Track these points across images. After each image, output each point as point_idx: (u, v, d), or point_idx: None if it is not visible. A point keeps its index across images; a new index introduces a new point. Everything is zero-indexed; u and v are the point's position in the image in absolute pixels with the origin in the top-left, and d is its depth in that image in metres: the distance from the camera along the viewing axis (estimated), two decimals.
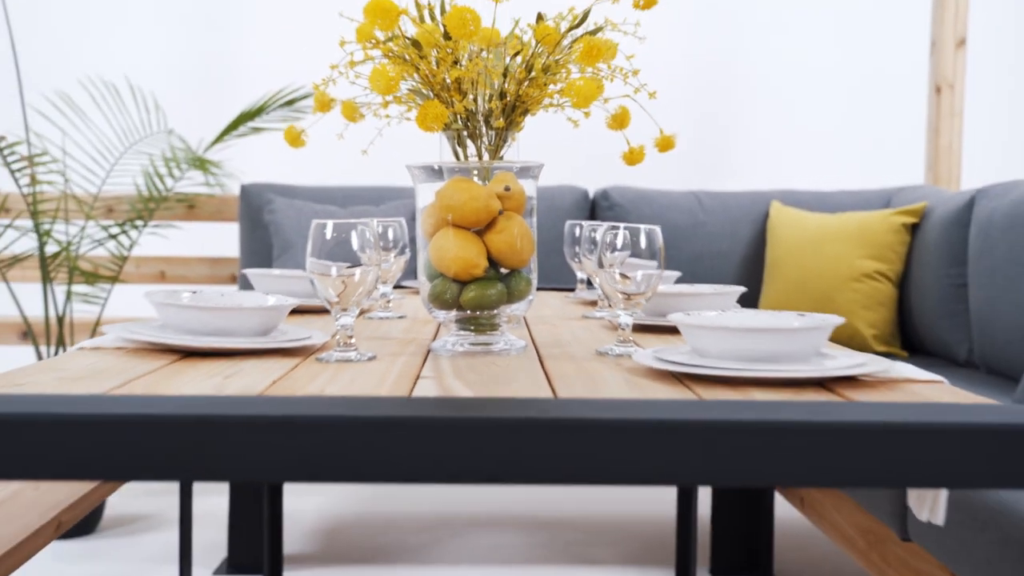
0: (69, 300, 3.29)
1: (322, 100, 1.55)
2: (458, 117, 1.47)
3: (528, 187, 1.50)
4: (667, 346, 1.42)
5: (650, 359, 1.29)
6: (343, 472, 0.88)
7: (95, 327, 3.37)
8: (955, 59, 3.50)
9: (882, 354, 2.93)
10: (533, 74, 1.47)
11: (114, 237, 3.34)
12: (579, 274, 2.27)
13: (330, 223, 1.34)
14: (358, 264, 1.34)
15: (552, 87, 1.49)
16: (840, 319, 1.30)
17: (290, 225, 3.21)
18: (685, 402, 0.98)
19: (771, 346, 1.24)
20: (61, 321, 3.26)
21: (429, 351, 1.46)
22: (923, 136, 3.70)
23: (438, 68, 1.44)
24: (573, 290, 2.42)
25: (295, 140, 1.64)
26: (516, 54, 1.48)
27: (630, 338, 1.45)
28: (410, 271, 2.58)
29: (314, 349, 1.45)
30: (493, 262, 1.46)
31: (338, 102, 1.54)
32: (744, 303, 3.12)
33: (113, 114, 3.42)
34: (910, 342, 3.01)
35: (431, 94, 1.46)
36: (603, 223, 1.55)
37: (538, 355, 1.43)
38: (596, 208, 3.42)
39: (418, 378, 1.25)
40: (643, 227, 1.44)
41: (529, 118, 1.53)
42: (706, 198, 3.40)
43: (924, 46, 3.78)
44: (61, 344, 3.26)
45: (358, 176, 3.36)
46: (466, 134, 1.49)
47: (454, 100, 1.44)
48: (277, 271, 2.21)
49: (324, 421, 0.88)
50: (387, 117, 1.50)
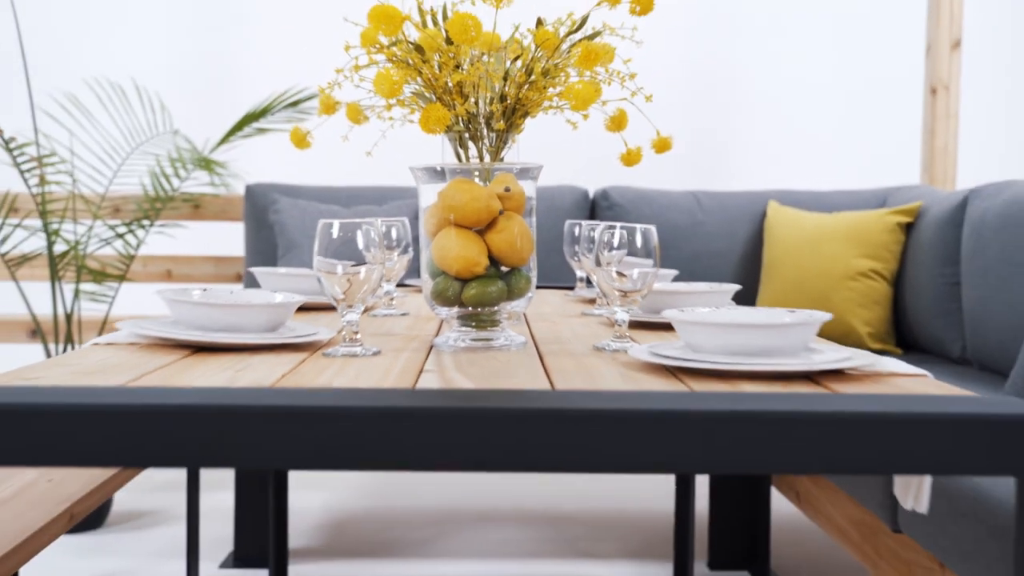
0: (77, 298, 3.34)
1: (327, 103, 1.59)
2: (460, 120, 1.51)
3: (528, 188, 1.54)
4: (662, 341, 1.46)
5: (645, 354, 1.33)
6: (351, 459, 0.93)
7: (103, 325, 3.42)
8: (950, 61, 3.54)
9: (877, 351, 2.97)
10: (533, 78, 1.51)
11: (121, 236, 3.39)
12: (579, 272, 2.31)
13: (336, 223, 1.39)
14: (363, 262, 1.39)
15: (551, 90, 1.53)
16: (827, 315, 1.35)
17: (294, 225, 3.25)
18: (676, 393, 1.03)
19: (761, 341, 1.29)
20: (69, 319, 3.31)
21: (432, 346, 1.51)
22: (919, 137, 3.74)
23: (440, 72, 1.49)
24: (573, 288, 2.46)
25: (301, 142, 1.68)
26: (516, 58, 1.52)
27: (627, 334, 1.50)
28: (413, 270, 2.62)
29: (321, 345, 1.50)
30: (494, 260, 1.51)
31: (343, 105, 1.59)
32: (742, 302, 3.17)
33: (119, 115, 3.47)
34: (905, 340, 3.06)
35: (434, 97, 1.51)
36: (601, 223, 1.60)
37: (537, 350, 1.48)
38: (596, 208, 3.47)
39: (421, 372, 1.30)
40: (639, 227, 1.49)
41: (529, 120, 1.58)
42: (705, 198, 3.44)
43: (920, 48, 3.82)
44: (69, 342, 3.31)
45: (361, 177, 3.40)
46: (467, 136, 1.54)
47: (456, 103, 1.49)
48: (283, 269, 2.26)
49: (333, 411, 0.93)
50: (391, 119, 1.55)
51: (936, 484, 1.73)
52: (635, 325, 1.76)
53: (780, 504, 3.01)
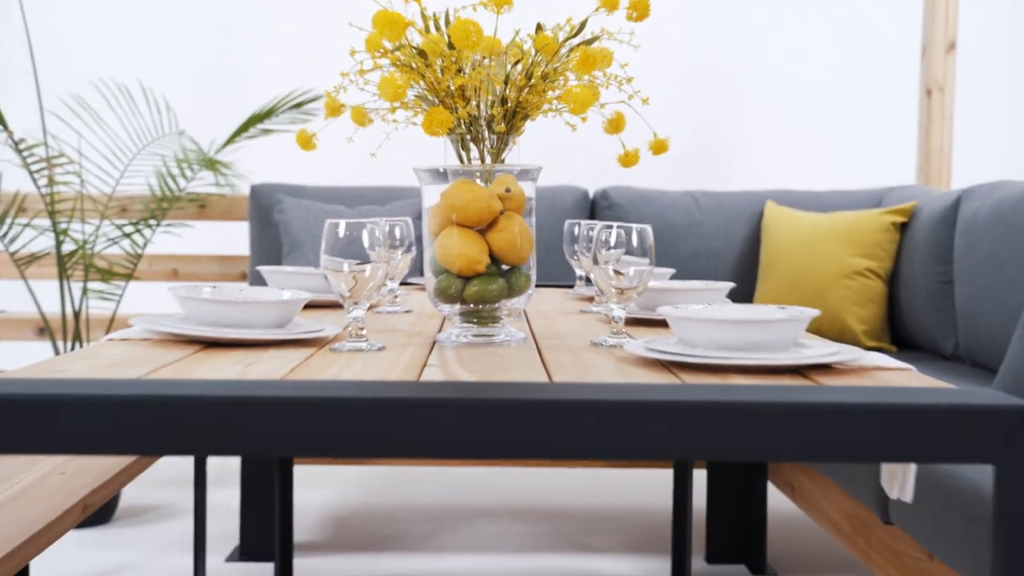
0: (85, 297, 3.39)
1: (333, 105, 1.64)
2: (462, 122, 1.56)
3: (527, 188, 1.59)
4: (657, 337, 1.51)
5: (640, 349, 1.38)
6: (359, 448, 0.98)
7: (110, 323, 3.48)
8: (945, 63, 3.59)
9: (872, 349, 3.02)
10: (533, 81, 1.56)
11: (128, 236, 3.45)
12: (578, 271, 2.36)
13: (343, 223, 1.44)
14: (368, 261, 1.44)
15: (551, 94, 1.58)
16: (815, 311, 1.40)
17: (299, 224, 3.30)
18: (667, 385, 1.08)
19: (751, 336, 1.34)
20: (77, 317, 3.37)
21: (435, 342, 1.56)
22: (914, 138, 3.79)
23: (443, 76, 1.54)
24: (572, 287, 2.51)
25: (307, 143, 1.73)
26: (517, 62, 1.57)
27: (623, 330, 1.55)
28: (416, 268, 2.67)
29: (327, 340, 1.55)
30: (495, 259, 1.56)
31: (348, 107, 1.63)
32: (740, 300, 3.22)
33: (126, 116, 3.52)
34: (899, 337, 3.11)
35: (436, 100, 1.56)
36: (599, 222, 1.65)
37: (537, 346, 1.53)
38: (596, 208, 3.51)
39: (425, 366, 1.35)
40: (635, 226, 1.54)
41: (529, 123, 1.63)
42: (703, 198, 3.49)
43: (915, 50, 3.87)
44: (77, 339, 3.37)
45: (365, 177, 3.45)
46: (469, 138, 1.59)
47: (458, 106, 1.54)
48: (289, 268, 2.31)
49: (342, 402, 0.97)
50: (394, 122, 1.60)
51: (924, 477, 1.78)
52: (632, 322, 1.81)
53: (776, 499, 3.06)
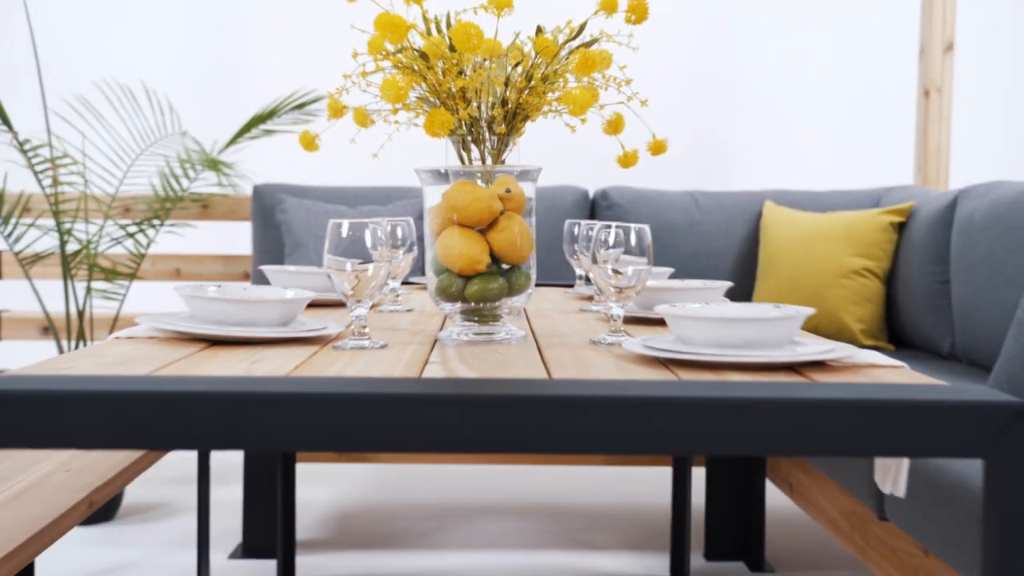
0: (88, 296, 3.42)
1: (335, 107, 1.66)
2: (463, 123, 1.59)
3: (527, 189, 1.62)
4: (655, 335, 1.54)
5: (638, 346, 1.41)
6: (363, 442, 1.01)
7: (114, 322, 3.50)
8: (943, 63, 3.61)
9: (870, 348, 3.04)
10: (533, 83, 1.58)
11: (131, 236, 3.47)
12: (578, 270, 2.38)
13: (346, 223, 1.46)
14: (371, 260, 1.46)
15: (551, 95, 1.60)
16: (810, 310, 1.42)
17: (301, 224, 3.33)
18: (665, 382, 1.10)
19: (747, 334, 1.36)
20: (81, 316, 3.39)
21: (436, 340, 1.58)
22: (912, 138, 3.81)
23: (444, 78, 1.56)
24: (572, 286, 2.53)
25: (310, 144, 1.75)
26: (517, 64, 1.59)
27: (622, 328, 1.57)
28: (417, 267, 2.69)
29: (331, 338, 1.57)
30: (495, 258, 1.58)
31: (350, 109, 1.66)
32: (739, 300, 3.24)
33: (129, 116, 3.54)
34: (897, 336, 3.13)
35: (438, 102, 1.58)
36: (599, 222, 1.67)
37: (536, 344, 1.55)
38: (596, 208, 3.54)
39: (426, 363, 1.37)
40: (633, 226, 1.56)
41: (529, 124, 1.65)
42: (702, 198, 3.51)
43: (913, 51, 3.89)
44: (81, 338, 3.39)
45: (366, 177, 3.48)
46: (470, 139, 1.61)
47: (459, 108, 1.56)
48: (292, 267, 2.33)
49: (346, 398, 1.00)
50: (396, 123, 1.62)
51: (918, 473, 1.80)
52: (630, 320, 1.84)
53: (774, 496, 3.08)
